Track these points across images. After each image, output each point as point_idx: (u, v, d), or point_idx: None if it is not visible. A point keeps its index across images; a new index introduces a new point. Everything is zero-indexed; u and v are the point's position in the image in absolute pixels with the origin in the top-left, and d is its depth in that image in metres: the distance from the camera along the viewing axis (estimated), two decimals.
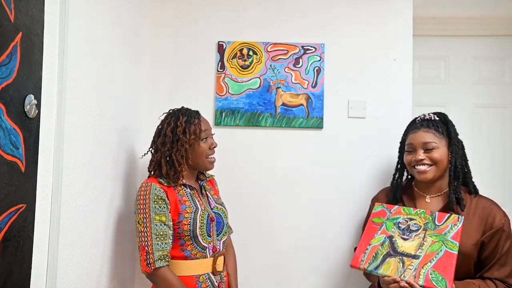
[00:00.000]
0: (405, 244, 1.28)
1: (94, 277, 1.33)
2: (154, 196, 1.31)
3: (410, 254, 1.25)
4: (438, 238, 1.27)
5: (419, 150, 1.42)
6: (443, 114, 1.49)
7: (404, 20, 1.85)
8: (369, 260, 1.28)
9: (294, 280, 1.81)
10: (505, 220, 1.33)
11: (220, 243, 1.42)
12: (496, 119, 2.15)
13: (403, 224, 1.35)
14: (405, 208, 1.40)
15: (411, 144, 1.46)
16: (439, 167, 1.40)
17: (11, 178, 0.94)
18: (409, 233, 1.31)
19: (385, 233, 1.34)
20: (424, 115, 1.50)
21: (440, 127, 1.43)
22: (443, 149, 1.41)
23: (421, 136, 1.43)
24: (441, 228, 1.29)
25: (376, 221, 1.39)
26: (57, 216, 1.09)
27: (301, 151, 1.84)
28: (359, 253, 1.31)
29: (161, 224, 1.30)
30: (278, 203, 1.83)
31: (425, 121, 1.47)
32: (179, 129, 1.38)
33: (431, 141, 1.41)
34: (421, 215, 1.35)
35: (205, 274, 1.36)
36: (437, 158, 1.39)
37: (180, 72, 1.88)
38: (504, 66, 2.17)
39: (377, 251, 1.29)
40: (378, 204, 1.45)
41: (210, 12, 1.89)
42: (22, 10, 0.97)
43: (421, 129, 1.44)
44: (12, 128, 0.94)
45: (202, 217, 1.35)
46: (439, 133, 1.42)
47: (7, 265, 0.93)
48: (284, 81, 1.84)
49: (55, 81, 1.09)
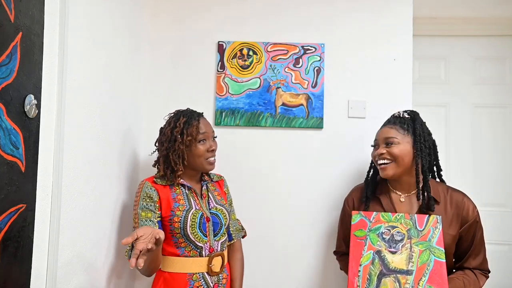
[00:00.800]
0: (395, 259, 1.28)
1: (94, 277, 1.33)
2: (144, 193, 1.37)
3: (402, 270, 1.26)
4: (424, 246, 1.28)
5: (381, 145, 1.44)
6: (414, 112, 1.48)
7: (404, 20, 1.85)
8: (364, 284, 1.26)
9: (293, 280, 1.81)
10: (476, 211, 1.38)
11: (217, 244, 1.42)
12: (496, 119, 2.15)
13: (387, 234, 1.33)
14: (384, 214, 1.36)
15: (375, 140, 1.48)
16: (399, 163, 1.39)
17: (11, 178, 0.94)
18: (395, 244, 1.31)
19: (372, 248, 1.31)
20: (399, 113, 1.50)
21: (407, 124, 1.43)
22: (405, 145, 1.40)
23: (384, 132, 1.44)
24: (424, 234, 1.30)
25: (358, 235, 1.35)
26: (57, 216, 1.09)
27: (301, 151, 1.84)
28: (353, 277, 1.28)
29: (147, 220, 1.34)
30: (278, 203, 1.83)
31: (392, 118, 1.48)
32: (177, 129, 1.40)
33: (392, 136, 1.41)
34: (401, 220, 1.34)
35: (199, 273, 1.37)
36: (396, 153, 1.39)
37: (180, 72, 1.88)
38: (504, 66, 2.17)
39: (369, 272, 1.28)
40: (356, 213, 1.40)
41: (210, 12, 1.89)
42: (22, 10, 0.97)
43: (387, 125, 1.45)
44: (12, 128, 0.94)
45: (194, 216, 1.37)
46: (403, 130, 1.42)
47: (7, 265, 0.93)
48: (284, 81, 1.84)
49: (55, 81, 1.09)
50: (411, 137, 1.42)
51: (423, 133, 1.42)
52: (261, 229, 1.82)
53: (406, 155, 1.39)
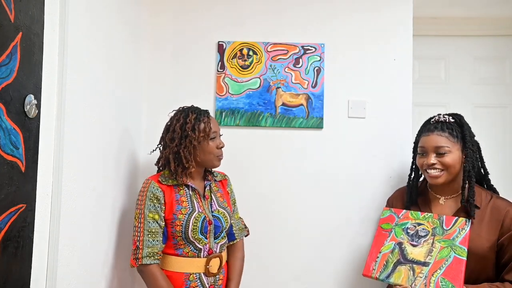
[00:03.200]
0: (414, 251, 1.30)
1: (94, 277, 1.33)
2: (151, 194, 1.35)
3: (419, 261, 1.26)
4: (447, 243, 1.28)
5: (430, 154, 1.39)
6: (458, 115, 1.45)
7: (404, 20, 1.85)
8: (380, 269, 1.30)
9: (293, 280, 1.81)
10: None
11: (217, 246, 1.42)
12: (496, 119, 2.15)
13: (412, 229, 1.36)
14: (413, 212, 1.40)
15: (423, 147, 1.43)
16: (451, 172, 1.37)
17: (11, 178, 0.94)
18: (417, 238, 1.32)
19: (395, 240, 1.36)
20: (439, 116, 1.45)
21: (455, 130, 1.39)
22: (456, 153, 1.37)
23: (433, 140, 1.39)
24: (449, 233, 1.30)
25: (385, 227, 1.41)
26: (57, 216, 1.09)
27: (301, 151, 1.84)
28: (370, 261, 1.33)
29: (154, 221, 1.34)
30: (277, 203, 1.83)
31: (439, 123, 1.43)
32: (188, 125, 1.38)
33: (443, 145, 1.37)
34: (429, 219, 1.36)
35: (196, 274, 1.36)
36: (449, 163, 1.36)
37: (180, 72, 1.88)
38: (504, 66, 2.17)
39: (387, 259, 1.31)
40: (386, 209, 1.46)
41: (210, 12, 1.88)
42: (22, 10, 0.97)
43: (435, 132, 1.40)
44: (12, 128, 0.94)
45: (197, 219, 1.36)
46: (452, 137, 1.38)
47: (7, 265, 0.93)
48: (284, 81, 1.84)
49: (55, 81, 1.09)
50: (460, 143, 1.39)
51: (471, 139, 1.40)
52: (261, 229, 1.82)
53: (458, 162, 1.37)
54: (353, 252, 1.79)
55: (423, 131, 1.46)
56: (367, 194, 1.80)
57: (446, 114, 1.46)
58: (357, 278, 1.78)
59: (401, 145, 1.81)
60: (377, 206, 1.79)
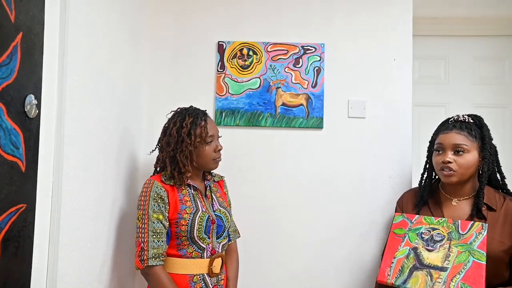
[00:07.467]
0: (430, 256, 1.27)
1: (95, 277, 1.33)
2: (155, 194, 1.33)
3: (437, 266, 1.24)
4: (464, 248, 1.25)
5: (448, 151, 1.38)
6: (478, 116, 1.44)
7: (404, 20, 1.85)
8: (395, 274, 1.27)
9: (291, 281, 1.81)
10: None
11: (219, 246, 1.41)
12: (496, 119, 2.15)
13: (426, 234, 1.33)
14: (426, 217, 1.37)
15: (441, 144, 1.41)
16: (466, 172, 1.36)
17: (11, 178, 0.94)
18: (433, 243, 1.30)
19: (409, 245, 1.32)
20: (458, 116, 1.45)
21: (474, 130, 1.39)
22: (473, 153, 1.36)
23: (452, 137, 1.38)
24: (466, 237, 1.27)
25: (398, 233, 1.38)
26: (57, 216, 1.09)
27: (301, 151, 1.84)
28: (385, 267, 1.29)
29: (158, 222, 1.32)
30: (277, 203, 1.83)
31: (458, 122, 1.42)
32: (184, 130, 1.36)
33: (462, 143, 1.36)
34: (443, 224, 1.33)
35: (200, 275, 1.35)
36: (465, 164, 1.35)
37: (180, 72, 1.88)
38: (504, 66, 2.18)
39: (403, 264, 1.28)
40: (398, 214, 1.43)
41: (210, 12, 1.88)
42: (22, 10, 0.97)
43: (454, 130, 1.39)
44: (13, 128, 0.94)
45: (201, 219, 1.35)
46: (472, 136, 1.37)
47: (7, 265, 0.93)
48: (284, 81, 1.84)
49: (55, 81, 1.09)
50: (478, 144, 1.38)
51: (490, 141, 1.40)
52: (261, 228, 1.82)
53: (474, 163, 1.36)
54: (353, 252, 1.79)
55: (441, 130, 1.45)
56: (367, 194, 1.80)
57: (466, 114, 1.45)
58: (357, 278, 1.78)
59: (401, 145, 1.81)
60: (377, 206, 1.79)
